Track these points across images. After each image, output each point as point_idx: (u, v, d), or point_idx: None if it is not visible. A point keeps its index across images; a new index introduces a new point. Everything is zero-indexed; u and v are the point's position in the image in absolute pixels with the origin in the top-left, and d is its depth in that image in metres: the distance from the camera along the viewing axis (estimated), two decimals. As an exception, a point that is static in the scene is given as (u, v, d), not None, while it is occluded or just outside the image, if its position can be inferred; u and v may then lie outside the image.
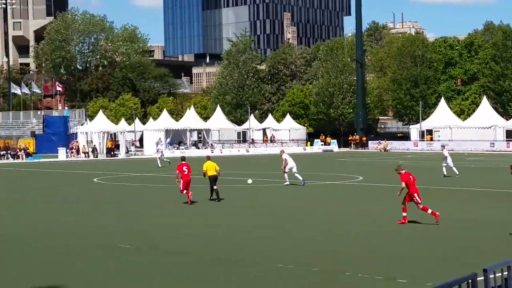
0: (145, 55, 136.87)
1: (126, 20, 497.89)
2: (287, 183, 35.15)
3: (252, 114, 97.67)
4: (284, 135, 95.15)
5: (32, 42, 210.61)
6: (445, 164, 40.55)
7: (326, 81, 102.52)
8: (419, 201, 20.98)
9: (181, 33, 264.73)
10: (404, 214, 21.04)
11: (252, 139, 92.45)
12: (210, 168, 28.96)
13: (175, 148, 79.91)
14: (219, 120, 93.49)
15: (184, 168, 28.24)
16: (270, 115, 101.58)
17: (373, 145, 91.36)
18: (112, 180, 41.79)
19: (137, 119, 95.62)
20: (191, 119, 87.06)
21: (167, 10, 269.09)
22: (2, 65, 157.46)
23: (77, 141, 79.33)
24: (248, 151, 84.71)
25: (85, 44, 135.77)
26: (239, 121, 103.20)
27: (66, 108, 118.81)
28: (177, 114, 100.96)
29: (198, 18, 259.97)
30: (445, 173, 39.87)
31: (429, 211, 21.04)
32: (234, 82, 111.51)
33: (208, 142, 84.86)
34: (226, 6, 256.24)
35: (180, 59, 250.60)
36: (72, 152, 76.69)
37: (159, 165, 53.56)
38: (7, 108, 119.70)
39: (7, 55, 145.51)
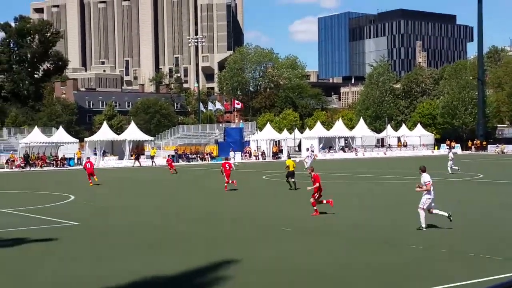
0: (303, 78, 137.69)
1: (289, 51, 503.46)
2: None
3: (389, 124, 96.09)
4: (415, 141, 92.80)
5: (216, 71, 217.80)
6: None
7: (451, 96, 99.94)
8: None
9: (331, 60, 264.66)
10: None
11: (389, 144, 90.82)
12: (290, 165, 31.13)
13: (327, 152, 79.97)
14: (362, 129, 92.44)
15: (227, 165, 31.99)
16: (403, 125, 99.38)
17: (492, 149, 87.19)
18: (276, 177, 42.51)
19: (296, 129, 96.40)
20: (339, 129, 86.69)
21: (321, 42, 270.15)
22: (194, 89, 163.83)
23: (249, 147, 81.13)
24: (385, 154, 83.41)
25: (256, 71, 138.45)
26: (378, 130, 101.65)
27: (241, 121, 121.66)
28: (328, 125, 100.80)
29: (346, 48, 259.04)
30: None
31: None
32: (374, 98, 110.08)
33: (352, 147, 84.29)
34: (368, 37, 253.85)
35: (330, 81, 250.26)
36: (246, 155, 78.51)
37: (306, 166, 53.56)
38: (197, 122, 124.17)
39: (198, 81, 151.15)
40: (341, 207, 22.58)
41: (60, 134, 72.08)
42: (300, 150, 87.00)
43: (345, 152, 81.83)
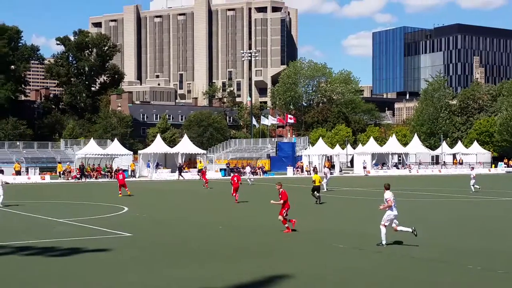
0: (356, 93, 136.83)
1: (342, 66, 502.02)
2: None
3: (444, 141, 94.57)
4: (471, 159, 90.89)
5: (269, 85, 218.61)
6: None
7: (509, 113, 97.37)
8: None
9: (386, 75, 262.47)
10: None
11: (444, 162, 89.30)
12: (316, 180, 33.11)
13: (379, 168, 79.18)
14: (416, 146, 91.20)
15: (235, 178, 33.88)
16: (459, 142, 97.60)
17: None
18: (327, 193, 42.32)
19: (348, 144, 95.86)
20: (393, 145, 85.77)
21: (375, 57, 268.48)
22: (247, 103, 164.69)
23: (301, 162, 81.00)
24: (440, 172, 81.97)
25: (310, 86, 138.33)
26: (432, 147, 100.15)
27: (293, 136, 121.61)
28: (381, 141, 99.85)
29: (401, 63, 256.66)
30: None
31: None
32: (429, 115, 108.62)
33: (406, 164, 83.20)
34: (424, 52, 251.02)
35: (384, 96, 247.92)
36: (297, 170, 78.39)
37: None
38: (249, 136, 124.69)
39: (250, 95, 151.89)
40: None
41: (115, 146, 73.51)
42: (352, 166, 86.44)
43: (398, 168, 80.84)
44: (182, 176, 65.40)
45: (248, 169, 62.54)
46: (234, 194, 33.41)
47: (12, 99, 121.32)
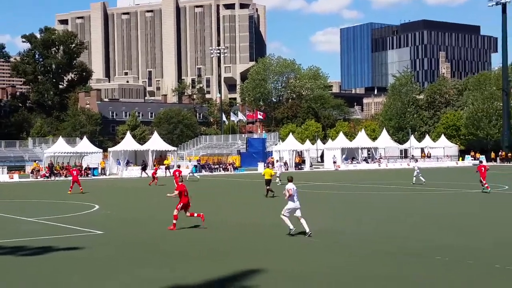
0: (325, 89, 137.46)
1: (311, 62, 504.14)
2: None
3: (412, 135, 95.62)
4: (439, 152, 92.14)
5: (238, 82, 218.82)
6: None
7: (475, 107, 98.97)
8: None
9: (354, 71, 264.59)
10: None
11: (412, 155, 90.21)
12: (267, 174, 33.18)
13: (349, 162, 79.72)
14: (385, 140, 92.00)
15: (177, 173, 36.27)
16: (427, 136, 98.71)
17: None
18: (301, 188, 42.37)
19: (318, 140, 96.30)
20: (362, 139, 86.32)
21: (343, 53, 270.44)
22: (216, 100, 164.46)
23: (272, 157, 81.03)
24: (409, 165, 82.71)
25: (279, 82, 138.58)
26: (401, 141, 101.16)
27: (264, 132, 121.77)
28: (351, 136, 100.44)
29: (368, 58, 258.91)
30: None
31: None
32: (397, 109, 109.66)
33: (376, 158, 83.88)
34: (391, 48, 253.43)
35: (353, 91, 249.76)
36: (268, 166, 78.35)
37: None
38: (219, 132, 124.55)
39: (220, 92, 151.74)
40: (372, 217, 22.39)
41: (84, 144, 72.70)
42: (322, 160, 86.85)
43: (368, 163, 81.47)
44: (146, 173, 63.96)
45: (277, 164, 53.61)
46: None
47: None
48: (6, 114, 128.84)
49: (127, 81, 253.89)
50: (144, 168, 64.87)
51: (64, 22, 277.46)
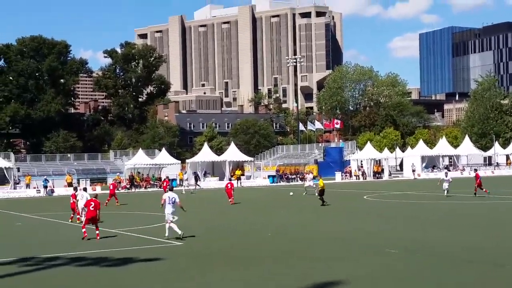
0: (404, 96, 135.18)
1: (389, 69, 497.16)
2: None
3: (496, 141, 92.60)
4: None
5: (315, 90, 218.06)
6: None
7: None
8: None
9: (434, 76, 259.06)
10: None
11: (497, 163, 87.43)
12: (322, 184, 34.92)
13: (430, 171, 78.03)
14: (467, 147, 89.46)
15: (229, 185, 39.78)
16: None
17: None
18: (378, 197, 41.92)
19: (397, 148, 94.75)
20: (443, 147, 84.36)
21: (422, 58, 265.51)
22: (293, 109, 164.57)
23: (350, 167, 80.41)
24: (493, 173, 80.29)
25: (356, 90, 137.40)
26: (484, 148, 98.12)
27: (341, 141, 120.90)
28: (431, 143, 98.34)
29: (449, 63, 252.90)
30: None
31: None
32: (480, 115, 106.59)
33: (457, 166, 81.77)
34: (473, 52, 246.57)
35: (433, 98, 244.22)
36: (346, 175, 77.86)
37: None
38: (296, 142, 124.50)
39: (296, 101, 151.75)
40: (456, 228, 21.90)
41: (163, 156, 74.35)
42: (402, 169, 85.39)
43: (449, 171, 79.38)
44: (198, 185, 63.72)
45: (310, 176, 55.32)
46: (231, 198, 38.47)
47: (62, 112, 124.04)
48: (89, 127, 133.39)
49: (204, 93, 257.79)
50: (196, 180, 64.77)
51: (143, 36, 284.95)
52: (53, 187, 63.57)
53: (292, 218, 29.21)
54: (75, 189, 32.52)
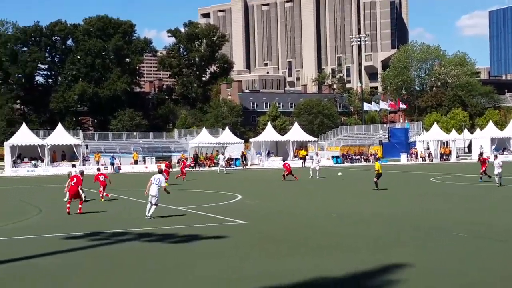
0: (472, 76, 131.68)
1: (456, 48, 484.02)
2: None
3: None
4: None
5: (379, 70, 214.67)
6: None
7: None
8: None
9: (504, 55, 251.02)
10: None
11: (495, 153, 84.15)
12: (379, 167, 33.06)
13: (500, 153, 75.73)
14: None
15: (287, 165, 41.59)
16: None
17: None
18: (446, 180, 41.00)
19: (465, 129, 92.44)
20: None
21: (492, 37, 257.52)
22: (357, 89, 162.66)
23: (416, 148, 79.01)
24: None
25: (422, 69, 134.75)
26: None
27: (406, 121, 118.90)
28: (501, 125, 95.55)
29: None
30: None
31: None
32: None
33: (529, 149, 79.10)
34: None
35: (504, 77, 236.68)
36: (411, 157, 76.57)
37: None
38: (360, 122, 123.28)
39: (361, 81, 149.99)
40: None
41: (226, 135, 74.82)
42: (470, 151, 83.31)
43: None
44: (246, 164, 65.75)
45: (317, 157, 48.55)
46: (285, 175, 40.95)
47: (127, 91, 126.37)
48: (154, 106, 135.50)
49: (267, 72, 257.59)
50: (244, 159, 66.20)
51: (206, 15, 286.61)
52: (120, 164, 64.93)
53: (351, 200, 28.86)
54: (98, 169, 33.58)
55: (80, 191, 24.09)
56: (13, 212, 25.61)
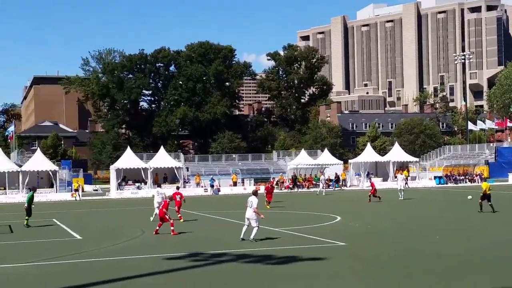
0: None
1: None
2: None
3: None
4: None
5: (485, 88, 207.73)
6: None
7: None
8: None
9: None
10: None
11: None
12: (486, 187, 31.80)
13: None
14: None
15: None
16: None
17: None
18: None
19: None
20: None
21: None
22: (461, 108, 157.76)
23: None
24: None
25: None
26: None
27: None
28: None
29: None
30: None
31: None
32: None
33: None
34: None
35: None
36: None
37: None
38: (464, 142, 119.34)
39: (465, 99, 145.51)
40: None
41: (325, 156, 74.47)
42: None
43: None
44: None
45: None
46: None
47: (227, 114, 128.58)
48: (253, 128, 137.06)
49: (367, 93, 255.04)
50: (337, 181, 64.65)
51: (305, 38, 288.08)
52: (219, 186, 66.00)
53: (460, 222, 27.86)
54: (177, 187, 34.90)
55: (166, 215, 24.28)
56: (117, 233, 26.53)
